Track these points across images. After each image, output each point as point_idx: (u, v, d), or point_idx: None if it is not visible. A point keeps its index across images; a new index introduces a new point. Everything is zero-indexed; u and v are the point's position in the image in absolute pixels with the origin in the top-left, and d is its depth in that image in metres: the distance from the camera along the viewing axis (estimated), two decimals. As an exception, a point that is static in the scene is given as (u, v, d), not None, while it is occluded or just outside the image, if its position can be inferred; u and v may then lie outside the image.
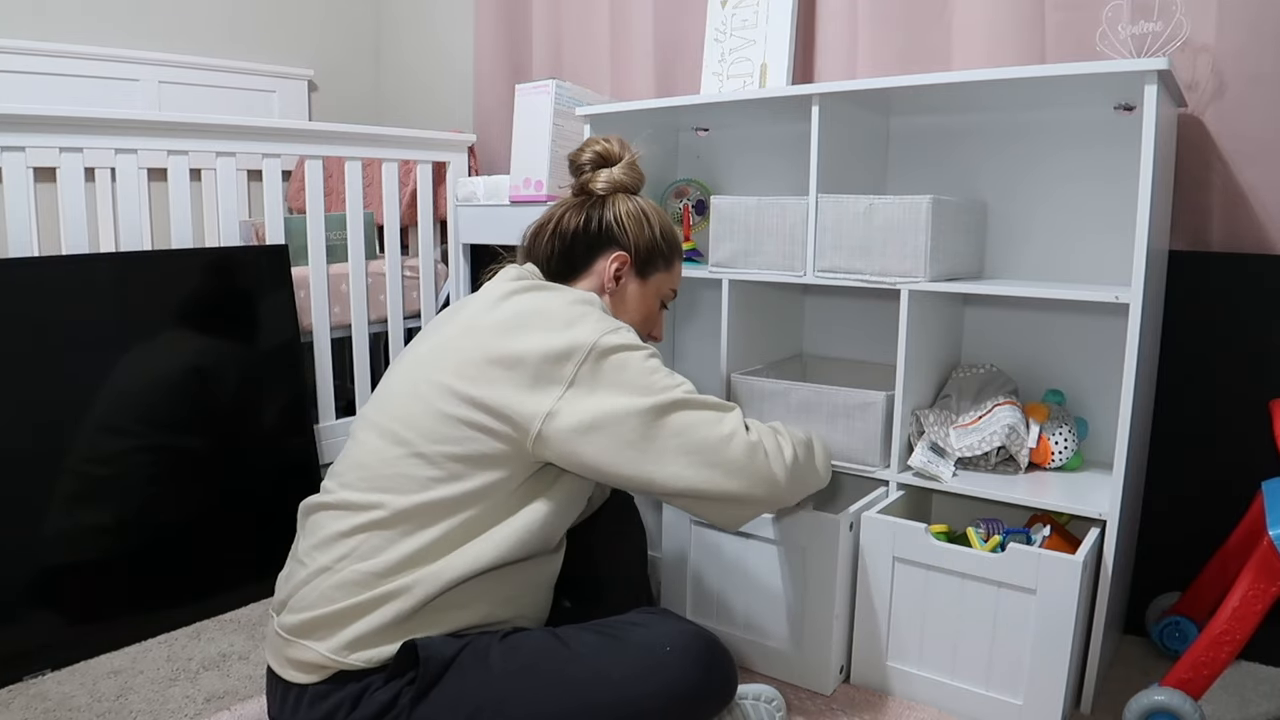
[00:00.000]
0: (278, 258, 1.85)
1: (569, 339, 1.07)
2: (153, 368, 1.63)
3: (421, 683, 0.99)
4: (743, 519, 1.16)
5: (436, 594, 1.02)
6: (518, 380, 1.05)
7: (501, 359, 1.06)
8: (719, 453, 1.09)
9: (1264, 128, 1.43)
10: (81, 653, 1.48)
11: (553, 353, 1.06)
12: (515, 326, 1.09)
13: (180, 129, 1.77)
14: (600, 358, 1.06)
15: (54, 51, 2.37)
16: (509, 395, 1.04)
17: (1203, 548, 1.47)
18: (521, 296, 1.14)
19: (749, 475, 1.10)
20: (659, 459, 1.06)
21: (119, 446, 1.57)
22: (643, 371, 1.09)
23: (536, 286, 1.18)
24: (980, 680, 1.32)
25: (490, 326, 1.10)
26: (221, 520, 1.70)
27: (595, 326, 1.09)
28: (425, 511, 1.03)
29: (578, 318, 1.10)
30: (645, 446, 1.06)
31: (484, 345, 1.07)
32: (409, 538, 1.03)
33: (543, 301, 1.13)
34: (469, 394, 1.05)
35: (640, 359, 1.10)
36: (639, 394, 1.06)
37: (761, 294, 1.72)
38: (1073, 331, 1.58)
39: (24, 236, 1.58)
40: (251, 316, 1.79)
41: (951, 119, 1.66)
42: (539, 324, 1.09)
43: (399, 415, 1.08)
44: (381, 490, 1.05)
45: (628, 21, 2.14)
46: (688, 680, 1.02)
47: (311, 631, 1.02)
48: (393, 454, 1.06)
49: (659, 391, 1.08)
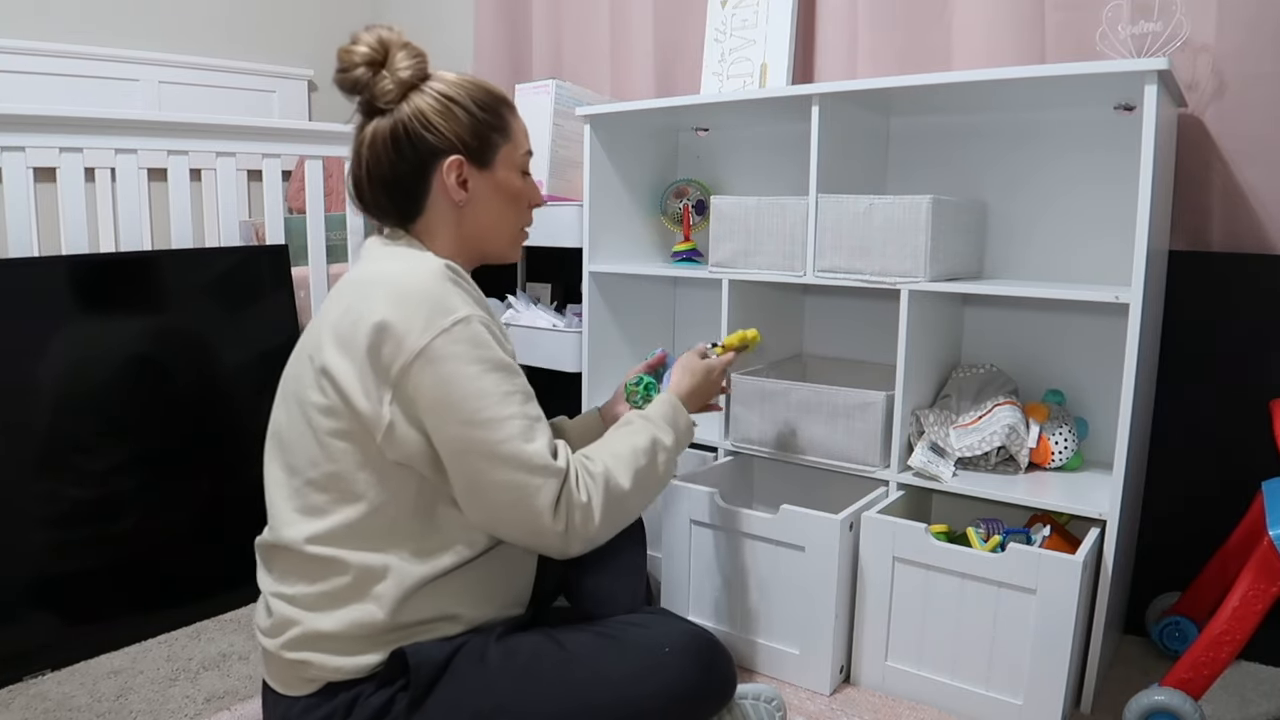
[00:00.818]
0: (278, 258, 1.85)
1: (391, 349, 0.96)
2: (152, 367, 1.62)
3: (416, 688, 0.98)
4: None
5: (402, 600, 0.99)
6: (351, 385, 0.98)
7: (325, 370, 1.00)
8: (529, 522, 0.99)
9: (1264, 128, 1.43)
10: (81, 653, 1.48)
11: (371, 370, 0.97)
12: (346, 331, 0.99)
13: (180, 129, 1.77)
14: (426, 363, 0.96)
15: (54, 51, 2.37)
16: (355, 397, 0.98)
17: (1203, 548, 1.47)
18: (351, 287, 1.03)
19: (558, 542, 1.01)
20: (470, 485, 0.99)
21: (119, 445, 1.57)
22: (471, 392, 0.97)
23: (362, 280, 1.04)
24: (980, 680, 1.32)
25: (330, 328, 1.01)
26: (221, 520, 1.70)
27: (429, 321, 0.96)
28: (346, 535, 1.00)
29: (412, 311, 0.97)
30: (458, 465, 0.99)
31: (318, 355, 1.01)
32: (349, 558, 1.00)
33: (366, 295, 1.00)
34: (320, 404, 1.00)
35: (474, 368, 0.97)
36: (464, 423, 0.97)
37: (761, 294, 1.72)
38: (1073, 331, 1.58)
39: (24, 236, 1.58)
40: (251, 316, 1.79)
41: (951, 119, 1.66)
42: (363, 330, 0.98)
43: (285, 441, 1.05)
44: (301, 520, 1.02)
45: (628, 21, 2.14)
46: (686, 680, 1.01)
47: (294, 649, 1.00)
48: (292, 485, 1.03)
49: (482, 426, 0.97)
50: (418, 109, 1.05)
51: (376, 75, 1.05)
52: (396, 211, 1.09)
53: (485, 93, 1.10)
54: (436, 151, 1.06)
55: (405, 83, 1.05)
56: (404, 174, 1.07)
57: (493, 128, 1.10)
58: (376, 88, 1.05)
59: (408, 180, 1.07)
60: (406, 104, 1.05)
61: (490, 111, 1.10)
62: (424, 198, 1.08)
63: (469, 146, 1.08)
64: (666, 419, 1.17)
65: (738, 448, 1.66)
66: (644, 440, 1.11)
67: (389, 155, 1.06)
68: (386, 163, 1.06)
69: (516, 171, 1.14)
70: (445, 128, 1.06)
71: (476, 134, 1.08)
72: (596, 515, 1.02)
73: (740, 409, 1.63)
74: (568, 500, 0.99)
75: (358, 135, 1.09)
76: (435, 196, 1.08)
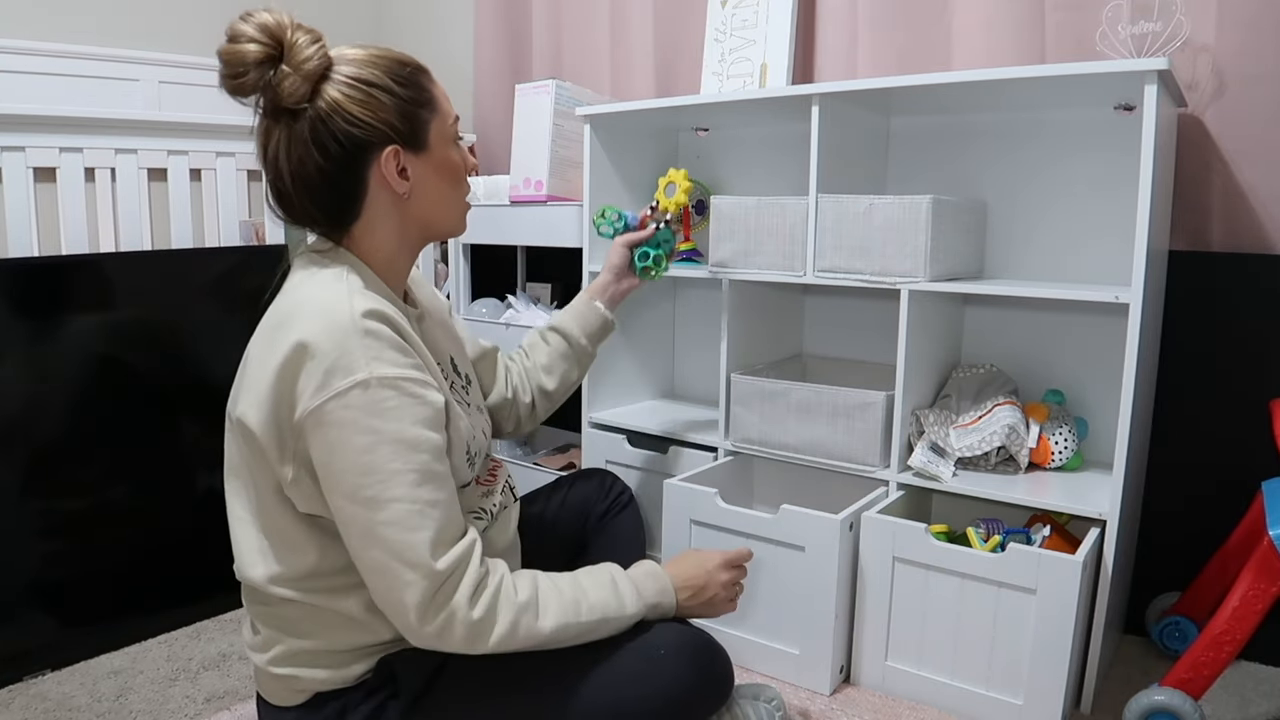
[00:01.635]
0: (278, 258, 1.84)
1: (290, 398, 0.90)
2: (151, 368, 1.62)
3: (406, 695, 0.97)
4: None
5: (381, 622, 0.97)
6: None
7: (240, 421, 0.96)
8: (396, 615, 0.91)
9: (1264, 128, 1.43)
10: (81, 653, 1.48)
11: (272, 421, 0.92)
12: (254, 378, 0.95)
13: (180, 129, 1.77)
14: (315, 425, 0.89)
15: (54, 51, 2.37)
16: (267, 448, 0.94)
17: (1203, 548, 1.47)
18: (266, 329, 0.97)
19: (433, 644, 0.92)
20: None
21: (119, 445, 1.57)
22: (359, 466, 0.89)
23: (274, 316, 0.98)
24: (980, 680, 1.32)
25: (243, 374, 0.98)
26: (221, 520, 1.70)
27: (323, 382, 0.88)
28: (305, 579, 0.98)
29: (312, 367, 0.89)
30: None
31: (233, 406, 1.00)
32: (316, 601, 0.98)
33: (274, 342, 0.93)
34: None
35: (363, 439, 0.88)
36: (345, 496, 0.90)
37: (761, 294, 1.72)
38: (1073, 331, 1.58)
39: (24, 236, 1.58)
40: (251, 317, 1.79)
41: (951, 119, 1.66)
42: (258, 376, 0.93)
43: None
44: (261, 562, 0.99)
45: (628, 21, 2.14)
46: (682, 682, 1.01)
47: (280, 665, 1.00)
48: (249, 525, 1.02)
49: (363, 504, 0.89)
50: (334, 103, 0.92)
51: (276, 72, 0.91)
52: (330, 218, 0.99)
53: (399, 64, 0.97)
54: (367, 145, 0.94)
55: (313, 74, 0.92)
56: (335, 176, 0.95)
57: (418, 103, 0.98)
58: (282, 88, 0.91)
59: (340, 182, 0.96)
60: (319, 99, 0.92)
61: (411, 85, 0.97)
62: (361, 197, 0.97)
63: (401, 132, 0.96)
64: (648, 598, 1.05)
65: (738, 448, 1.66)
66: (601, 600, 1.00)
67: (313, 159, 0.94)
68: (313, 167, 0.94)
69: (450, 144, 1.03)
70: (371, 117, 0.94)
71: (405, 116, 0.96)
72: (491, 639, 0.91)
73: (740, 409, 1.63)
74: (447, 607, 0.89)
75: (266, 140, 0.96)
76: (374, 193, 0.98)
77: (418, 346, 0.97)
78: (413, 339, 0.97)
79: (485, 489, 1.13)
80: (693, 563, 1.13)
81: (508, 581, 0.95)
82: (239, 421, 0.95)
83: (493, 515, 1.12)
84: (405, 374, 0.91)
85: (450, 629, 0.90)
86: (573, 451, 2.21)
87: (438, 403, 0.94)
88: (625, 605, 1.02)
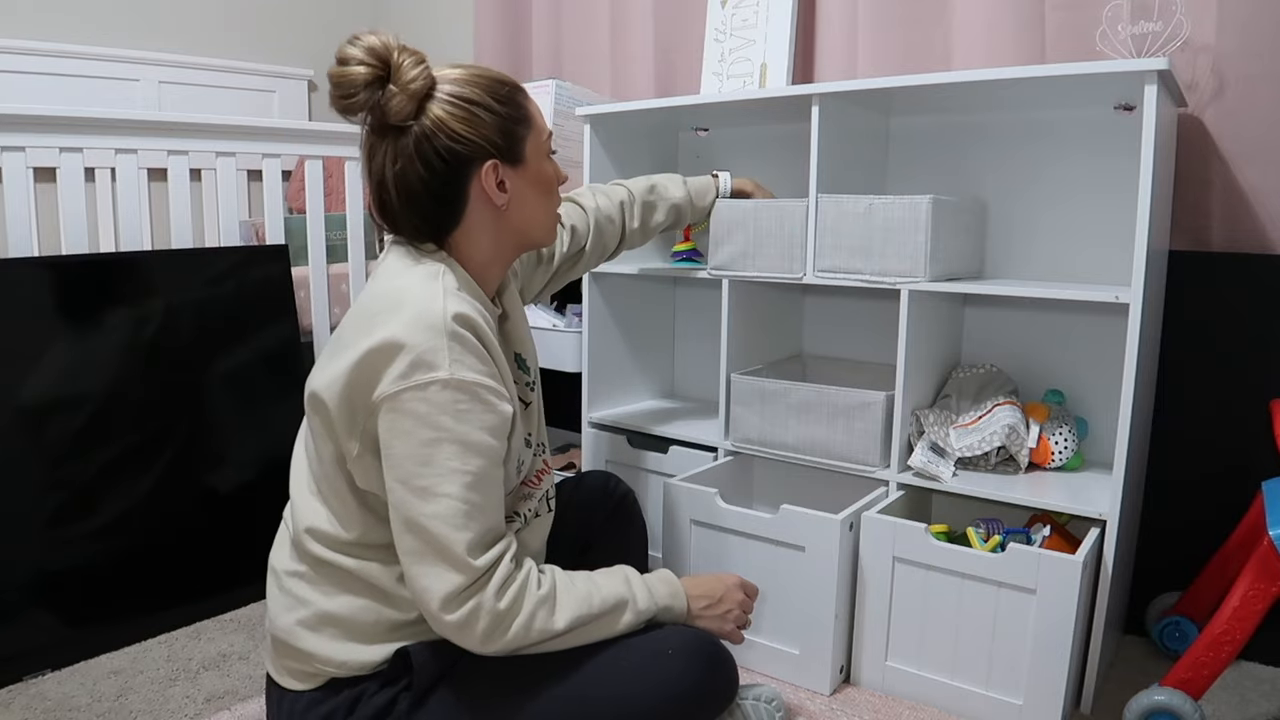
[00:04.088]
0: (278, 258, 1.85)
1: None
2: (151, 368, 1.62)
3: (418, 689, 0.98)
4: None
5: (409, 600, 1.00)
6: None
7: (314, 395, 1.01)
8: (423, 602, 0.95)
9: (1264, 128, 1.43)
10: (81, 653, 1.48)
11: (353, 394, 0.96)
12: (337, 356, 0.99)
13: (180, 129, 1.77)
14: (389, 410, 0.94)
15: (54, 51, 2.37)
16: (337, 422, 0.99)
17: (1203, 548, 1.47)
18: (359, 312, 1.01)
19: (451, 635, 0.96)
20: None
21: (119, 446, 1.57)
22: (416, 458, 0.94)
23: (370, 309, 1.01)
24: (980, 680, 1.32)
25: (329, 352, 1.02)
26: (221, 520, 1.70)
27: (407, 372, 0.93)
28: (349, 545, 1.02)
29: (399, 356, 0.93)
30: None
31: (313, 378, 1.03)
32: (353, 566, 1.01)
33: (366, 327, 0.97)
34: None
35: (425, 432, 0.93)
36: (399, 480, 0.94)
37: (761, 294, 1.72)
38: (1073, 331, 1.58)
39: (24, 236, 1.58)
40: (251, 316, 1.79)
41: (951, 119, 1.66)
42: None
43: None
44: (313, 516, 1.03)
45: (628, 21, 2.14)
46: (689, 681, 1.01)
47: (305, 629, 1.01)
48: (309, 481, 1.06)
49: (414, 492, 0.94)
50: (439, 120, 0.98)
51: (384, 93, 0.97)
52: (432, 227, 1.04)
53: (498, 84, 1.03)
54: (469, 160, 1.00)
55: (419, 94, 0.98)
56: (438, 189, 1.01)
57: (515, 120, 1.04)
58: (389, 107, 0.97)
59: (444, 194, 1.01)
60: (425, 116, 0.98)
61: (508, 103, 1.03)
62: (462, 209, 1.03)
63: (500, 147, 1.02)
64: (660, 600, 1.08)
65: (738, 448, 1.66)
66: (615, 593, 1.03)
67: (418, 173, 0.99)
68: (417, 181, 1.00)
69: (544, 158, 1.09)
70: (473, 134, 1.00)
71: (503, 132, 1.02)
72: (510, 632, 0.95)
73: (740, 409, 1.63)
74: (474, 600, 0.93)
75: (371, 154, 1.02)
76: (474, 204, 1.03)
77: (496, 355, 1.01)
78: (494, 347, 1.01)
79: (527, 491, 1.15)
80: (710, 576, 1.19)
81: (533, 575, 0.99)
82: (314, 395, 1.00)
83: (526, 520, 1.15)
84: (483, 381, 0.96)
85: (475, 620, 0.93)
86: (573, 451, 2.21)
87: (506, 413, 0.98)
88: (638, 601, 1.05)
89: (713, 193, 1.60)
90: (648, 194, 1.50)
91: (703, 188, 1.58)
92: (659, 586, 1.09)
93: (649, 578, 1.10)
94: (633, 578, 1.08)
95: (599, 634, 1.02)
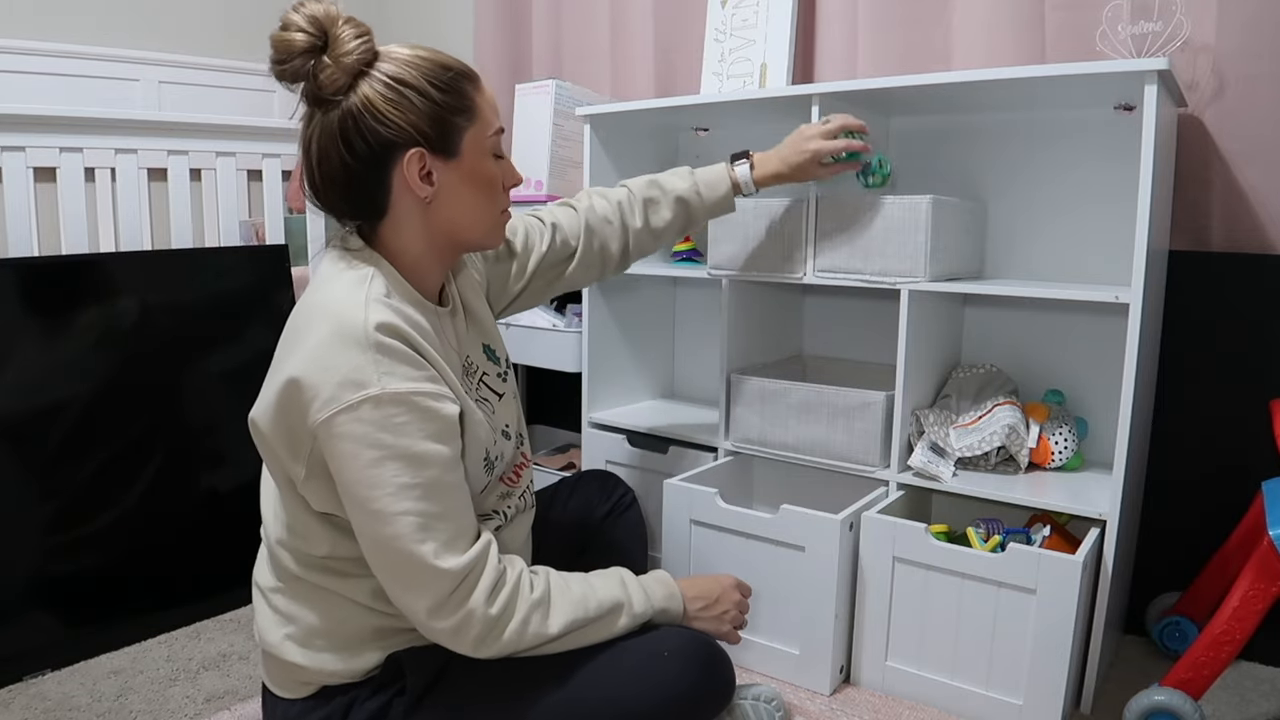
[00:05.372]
0: (278, 258, 1.85)
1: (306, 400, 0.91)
2: (151, 367, 1.62)
3: (412, 692, 0.98)
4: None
5: (394, 610, 0.99)
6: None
7: (253, 421, 0.98)
8: (412, 615, 0.94)
9: (1264, 128, 1.43)
10: (81, 653, 1.48)
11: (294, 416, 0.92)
12: (272, 379, 0.95)
13: (180, 129, 1.78)
14: (326, 436, 0.90)
15: (54, 51, 2.37)
16: (278, 448, 0.96)
17: (1203, 548, 1.47)
18: (290, 328, 0.98)
19: (445, 641, 0.95)
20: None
21: (119, 445, 1.57)
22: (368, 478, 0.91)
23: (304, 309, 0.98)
24: (980, 680, 1.32)
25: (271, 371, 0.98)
26: (221, 520, 1.70)
27: (334, 394, 0.89)
28: (322, 565, 1.01)
29: (325, 376, 0.90)
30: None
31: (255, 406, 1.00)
32: (329, 584, 1.01)
33: (291, 344, 0.95)
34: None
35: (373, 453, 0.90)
36: (356, 506, 0.92)
37: (761, 294, 1.72)
38: (1073, 331, 1.58)
39: (24, 236, 1.58)
40: (251, 316, 1.79)
41: (951, 119, 1.66)
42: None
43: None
44: (283, 543, 1.03)
45: (628, 21, 2.14)
46: (686, 683, 1.01)
47: (292, 644, 1.01)
48: (277, 507, 1.04)
49: (371, 516, 0.91)
50: (366, 100, 0.93)
51: (319, 62, 0.93)
52: (356, 213, 1.00)
53: (442, 69, 0.96)
54: (392, 145, 0.94)
55: (352, 68, 0.93)
56: (359, 172, 0.96)
57: (454, 110, 0.97)
58: (321, 77, 0.93)
59: (363, 178, 0.96)
60: (354, 93, 0.93)
61: (450, 91, 0.96)
62: (385, 196, 0.97)
63: (428, 136, 0.95)
64: (657, 602, 1.08)
65: (738, 448, 1.66)
66: (610, 596, 1.02)
67: (339, 152, 0.95)
68: (337, 160, 0.95)
69: (487, 155, 1.02)
70: (398, 118, 0.94)
71: (435, 120, 0.96)
72: (504, 636, 0.94)
73: (740, 409, 1.63)
74: (464, 606, 0.92)
75: (305, 127, 0.97)
76: (398, 193, 0.97)
77: (432, 356, 0.96)
78: (428, 350, 0.96)
79: (506, 489, 1.13)
80: (706, 577, 1.19)
81: (525, 578, 0.98)
82: (252, 422, 0.98)
83: (507, 518, 1.13)
84: (417, 388, 0.91)
85: (467, 626, 0.92)
86: (573, 451, 2.21)
87: (451, 414, 0.94)
88: (634, 603, 1.04)
89: (726, 183, 1.40)
90: (649, 190, 1.38)
91: (713, 179, 1.40)
92: (655, 588, 1.09)
93: (645, 579, 1.09)
94: (629, 580, 1.07)
95: (595, 637, 1.01)
